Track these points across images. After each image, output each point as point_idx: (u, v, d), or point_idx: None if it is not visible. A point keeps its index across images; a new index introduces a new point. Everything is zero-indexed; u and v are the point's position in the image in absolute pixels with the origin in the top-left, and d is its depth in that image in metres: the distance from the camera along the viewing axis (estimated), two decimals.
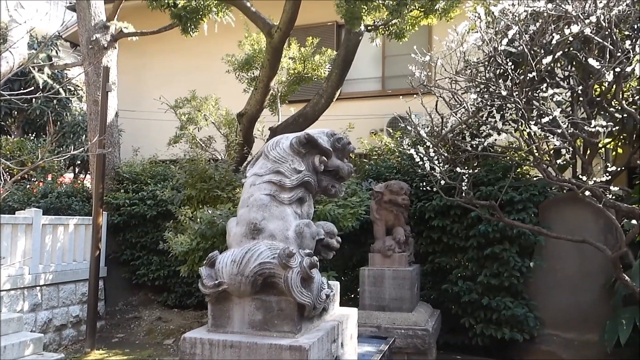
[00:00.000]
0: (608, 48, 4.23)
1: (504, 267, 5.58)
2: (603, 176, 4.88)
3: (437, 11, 6.55)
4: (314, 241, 2.70)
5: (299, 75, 7.61)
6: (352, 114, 8.46)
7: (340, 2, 5.92)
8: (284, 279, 2.41)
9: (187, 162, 6.09)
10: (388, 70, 9.26)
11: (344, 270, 6.66)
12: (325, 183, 2.90)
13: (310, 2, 7.70)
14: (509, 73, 4.63)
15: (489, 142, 5.00)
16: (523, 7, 4.58)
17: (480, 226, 5.65)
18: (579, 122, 4.63)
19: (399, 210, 5.37)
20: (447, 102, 5.35)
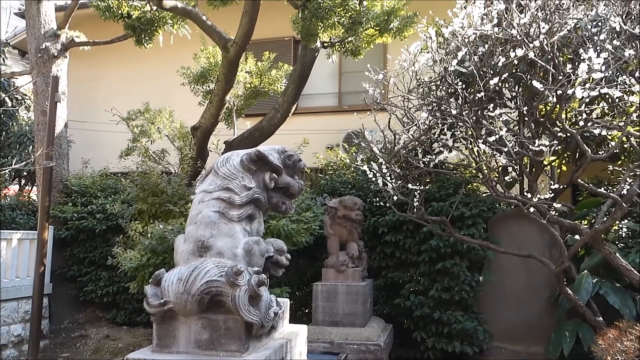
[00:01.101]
0: (551, 71, 4.43)
1: (454, 281, 5.69)
2: (547, 193, 5.09)
3: (392, 30, 6.70)
4: (263, 258, 2.68)
5: (255, 89, 7.61)
6: (309, 129, 8.51)
7: (296, 18, 5.99)
8: (231, 298, 2.39)
9: (138, 176, 5.96)
10: (344, 86, 9.38)
11: (299, 286, 6.63)
12: (276, 200, 2.90)
13: (268, 17, 7.74)
14: (459, 92, 4.78)
15: (440, 159, 5.13)
16: (472, 30, 4.75)
17: (432, 241, 5.75)
18: (525, 141, 4.82)
19: (352, 226, 5.42)
20: (400, 120, 5.47)
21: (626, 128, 4.30)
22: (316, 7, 5.59)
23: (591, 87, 4.16)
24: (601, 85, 4.19)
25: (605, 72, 4.13)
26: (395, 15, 6.53)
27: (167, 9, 6.11)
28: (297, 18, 5.98)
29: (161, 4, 5.92)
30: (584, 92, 4.14)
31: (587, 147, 5.45)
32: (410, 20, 6.58)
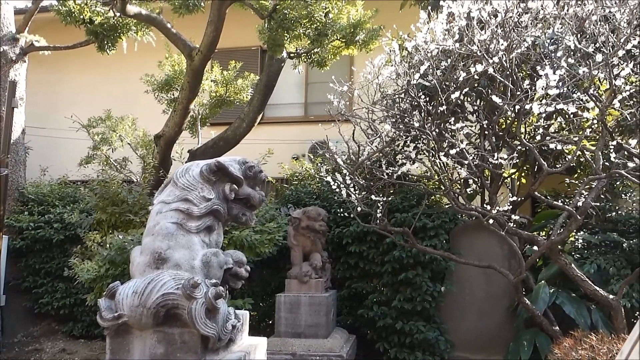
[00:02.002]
0: (510, 87, 4.55)
1: (417, 291, 5.74)
2: (506, 205, 5.21)
3: (358, 42, 6.76)
4: (221, 270, 2.65)
5: (220, 98, 7.55)
6: (275, 139, 8.49)
7: (262, 29, 5.99)
8: (187, 311, 2.35)
9: (98, 185, 5.82)
10: (311, 97, 9.41)
11: (263, 296, 6.57)
12: (236, 211, 2.87)
13: (236, 26, 7.70)
14: (422, 106, 4.86)
15: (403, 171, 5.19)
16: (434, 44, 4.85)
17: (395, 252, 5.80)
18: (485, 154, 4.93)
19: (316, 236, 5.42)
20: (365, 131, 5.52)
21: (580, 143, 4.45)
22: (282, 18, 5.61)
23: (548, 102, 4.30)
24: (557, 101, 4.33)
25: (561, 89, 4.27)
26: (361, 28, 6.61)
27: (131, 15, 6.02)
28: (263, 28, 5.99)
29: (124, 10, 5.83)
30: (541, 107, 4.27)
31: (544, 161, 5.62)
32: (376, 33, 6.67)
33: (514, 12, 4.71)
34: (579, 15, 4.58)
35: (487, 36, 4.61)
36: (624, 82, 4.22)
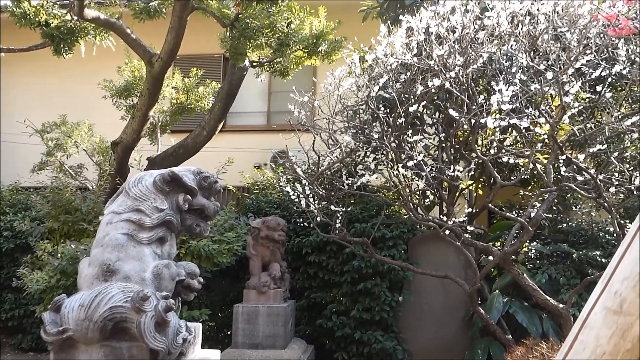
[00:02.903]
0: (466, 101, 4.66)
1: (375, 301, 5.78)
2: (462, 216, 5.32)
3: (320, 53, 6.80)
4: (173, 282, 2.61)
5: (181, 105, 7.45)
6: (237, 147, 8.43)
7: (224, 37, 5.96)
8: (136, 324, 2.30)
9: (51, 192, 5.64)
10: (273, 106, 9.41)
11: (221, 307, 6.49)
12: (190, 222, 2.84)
13: (199, 33, 7.64)
14: (381, 117, 4.93)
15: (362, 182, 5.24)
16: (393, 58, 4.93)
17: (354, 262, 5.83)
18: (442, 167, 5.03)
19: (275, 246, 5.39)
20: (326, 142, 5.55)
21: (532, 156, 4.60)
22: (244, 27, 5.59)
23: (502, 117, 4.43)
24: (511, 116, 4.47)
25: (514, 104, 4.40)
26: (323, 39, 6.65)
27: (89, 19, 5.89)
28: (225, 37, 5.96)
29: (82, 14, 5.69)
30: (495, 122, 4.39)
31: (499, 173, 5.77)
32: (338, 44, 6.73)
33: (471, 29, 4.85)
34: (531, 34, 4.74)
35: (444, 51, 4.73)
36: (573, 99, 4.39)
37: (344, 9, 7.72)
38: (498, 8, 4.75)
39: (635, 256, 1.18)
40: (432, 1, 5.77)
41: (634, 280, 1.16)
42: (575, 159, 4.59)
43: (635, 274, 1.16)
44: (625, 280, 1.17)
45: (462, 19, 4.75)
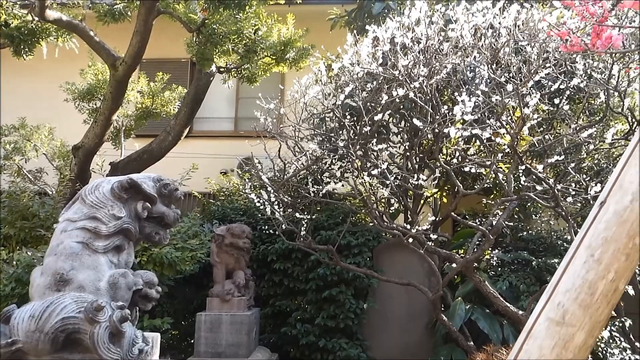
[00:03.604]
0: (429, 111, 4.74)
1: (340, 309, 5.79)
2: (426, 224, 5.39)
3: (288, 60, 6.80)
4: (130, 292, 2.55)
5: (146, 110, 7.33)
6: (204, 153, 8.34)
7: (191, 42, 5.90)
8: (90, 335, 2.24)
9: (7, 197, 5.46)
10: (241, 112, 9.35)
11: (185, 315, 6.39)
12: (149, 230, 2.79)
13: (167, 36, 7.55)
14: (347, 126, 4.96)
15: (328, 189, 5.25)
16: (359, 67, 4.98)
17: (319, 269, 5.83)
18: (406, 175, 5.09)
19: (240, 254, 5.35)
20: (292, 149, 5.54)
21: (493, 166, 4.70)
22: (211, 33, 5.55)
23: (464, 127, 4.52)
24: (474, 126, 4.56)
25: (476, 115, 4.49)
26: (291, 46, 6.65)
27: (50, 21, 5.74)
28: (191, 42, 5.90)
29: (43, 15, 5.55)
30: (458, 132, 4.48)
31: (463, 182, 5.87)
32: (306, 52, 6.74)
33: (435, 40, 4.93)
34: (493, 47, 4.86)
35: (409, 61, 4.80)
36: (532, 111, 4.50)
37: (313, 17, 7.75)
38: (461, 21, 4.85)
39: (577, 269, 1.21)
40: (398, 12, 5.87)
41: (576, 292, 1.20)
42: (534, 169, 4.70)
43: (577, 286, 1.20)
44: (567, 292, 1.21)
45: (426, 30, 4.84)
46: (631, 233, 1.18)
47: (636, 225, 1.18)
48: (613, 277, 1.18)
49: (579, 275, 1.20)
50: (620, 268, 1.18)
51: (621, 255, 1.18)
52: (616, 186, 1.24)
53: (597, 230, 1.21)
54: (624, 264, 1.18)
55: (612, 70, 4.78)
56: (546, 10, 4.87)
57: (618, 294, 1.19)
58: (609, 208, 1.22)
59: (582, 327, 1.16)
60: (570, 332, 1.17)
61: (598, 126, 5.24)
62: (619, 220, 1.19)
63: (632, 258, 1.18)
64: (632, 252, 1.18)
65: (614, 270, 1.18)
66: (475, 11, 4.90)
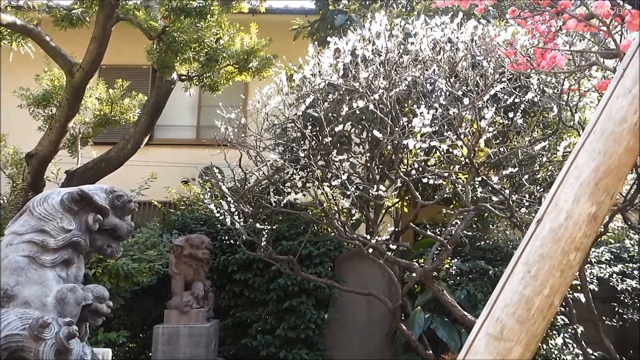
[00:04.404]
0: (389, 123, 4.80)
1: (301, 319, 5.77)
2: (386, 234, 5.44)
3: (251, 69, 6.78)
4: (79, 307, 2.48)
5: (105, 117, 7.17)
6: (165, 161, 8.22)
7: (151, 49, 5.82)
8: (34, 353, 2.16)
9: None
10: (203, 120, 9.26)
11: (142, 327, 6.24)
12: (100, 243, 2.72)
13: (127, 42, 7.40)
14: (308, 136, 4.98)
15: (289, 199, 5.25)
16: (320, 78, 5.01)
17: (280, 280, 5.81)
18: (367, 186, 5.13)
19: (199, 265, 5.28)
20: (254, 159, 5.52)
21: (451, 177, 4.80)
22: (171, 41, 5.49)
23: (422, 139, 4.60)
24: (433, 138, 4.65)
25: (433, 127, 4.58)
26: (254, 55, 6.64)
27: (4, 24, 5.58)
28: (152, 49, 5.82)
29: None
30: (417, 143, 4.56)
31: (424, 192, 5.96)
32: (269, 61, 6.74)
33: (395, 53, 5.02)
34: (452, 60, 4.97)
35: (369, 74, 4.86)
36: (488, 124, 4.62)
37: (276, 27, 7.76)
38: (420, 35, 4.95)
39: (515, 285, 1.25)
40: (360, 24, 5.94)
41: (514, 307, 1.23)
42: (490, 181, 4.82)
43: (514, 301, 1.23)
44: (505, 308, 1.24)
45: (386, 43, 4.91)
46: (565, 250, 1.23)
47: (570, 243, 1.23)
48: (548, 292, 1.21)
49: (517, 290, 1.23)
50: (555, 284, 1.22)
51: (556, 271, 1.22)
52: (552, 205, 1.28)
53: (534, 247, 1.25)
54: (558, 280, 1.22)
55: (563, 86, 4.97)
56: (501, 26, 5.03)
57: (553, 308, 1.23)
58: (545, 226, 1.26)
59: (519, 341, 1.19)
60: (508, 347, 1.20)
61: (551, 139, 5.43)
62: (554, 237, 1.24)
63: (566, 274, 1.22)
64: (567, 268, 1.23)
65: (549, 286, 1.22)
66: (434, 26, 5.02)
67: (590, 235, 1.24)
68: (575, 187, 1.26)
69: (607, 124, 1.27)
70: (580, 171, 1.27)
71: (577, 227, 1.23)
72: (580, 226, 1.23)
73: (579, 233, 1.23)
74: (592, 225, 1.24)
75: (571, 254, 1.23)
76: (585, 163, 1.27)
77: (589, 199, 1.24)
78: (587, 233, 1.24)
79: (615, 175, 1.25)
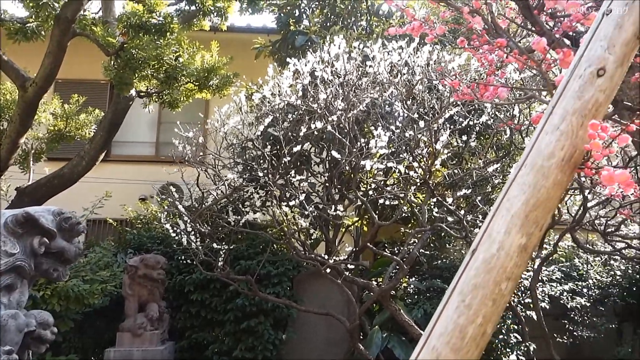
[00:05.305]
0: (347, 144, 4.86)
1: (258, 340, 5.71)
2: (343, 254, 5.48)
3: (212, 87, 6.75)
4: (21, 334, 2.39)
5: (60, 132, 6.99)
6: (123, 178, 8.06)
7: (108, 65, 5.73)
8: None
9: None
10: (163, 136, 9.14)
11: (94, 350, 6.03)
12: (46, 266, 2.64)
13: (86, 56, 7.27)
14: (267, 155, 4.99)
15: (248, 219, 5.22)
16: (280, 98, 5.05)
17: (238, 300, 5.74)
18: (324, 206, 5.16)
19: (154, 285, 5.17)
20: (212, 178, 5.48)
21: (407, 198, 4.88)
22: (129, 57, 5.42)
23: (379, 160, 4.68)
24: (390, 159, 4.74)
25: (390, 149, 4.67)
26: (215, 73, 6.62)
27: None
28: (109, 65, 5.73)
29: None
30: (374, 164, 4.63)
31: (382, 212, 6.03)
32: (230, 80, 6.73)
33: (354, 75, 5.11)
34: (408, 83, 5.10)
35: (328, 95, 4.93)
36: (443, 146, 4.74)
37: (238, 45, 7.79)
38: (378, 58, 5.06)
39: (450, 313, 1.28)
40: (320, 45, 6.02)
41: (449, 336, 1.27)
42: (444, 202, 4.93)
43: (449, 330, 1.27)
44: (441, 336, 1.27)
45: (345, 65, 5.00)
46: (497, 280, 1.27)
47: (502, 273, 1.28)
48: (481, 321, 1.25)
49: (452, 319, 1.26)
50: (487, 313, 1.26)
51: (488, 300, 1.26)
52: (485, 235, 1.33)
53: (468, 277, 1.29)
54: (491, 309, 1.26)
55: (514, 110, 5.16)
56: (455, 53, 5.20)
57: (486, 337, 1.27)
58: (479, 256, 1.31)
59: None
60: None
61: (504, 161, 5.61)
62: (487, 267, 1.28)
63: (498, 303, 1.27)
64: (499, 297, 1.27)
65: (482, 315, 1.25)
66: (391, 49, 5.14)
67: (521, 265, 1.30)
68: (507, 219, 1.31)
69: (537, 159, 1.34)
70: (512, 203, 1.32)
71: (509, 257, 1.28)
72: (512, 257, 1.28)
73: (510, 263, 1.28)
74: (522, 255, 1.29)
75: (503, 283, 1.27)
76: (516, 196, 1.33)
77: (520, 230, 1.29)
78: (518, 263, 1.29)
79: (544, 208, 1.31)
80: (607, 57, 1.38)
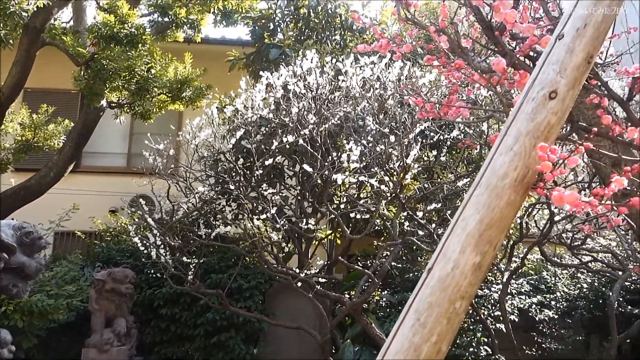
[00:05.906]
0: (319, 158, 4.88)
1: (229, 355, 5.64)
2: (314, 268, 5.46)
3: (185, 99, 6.71)
4: None
5: (27, 143, 6.84)
6: (93, 189, 7.92)
7: (78, 75, 5.66)
8: None
9: None
10: (135, 147, 9.01)
11: None
12: (6, 282, 2.58)
13: (56, 66, 7.15)
14: (238, 168, 4.97)
15: (218, 232, 5.18)
16: (252, 111, 5.05)
17: (208, 314, 5.67)
18: (297, 218, 5.16)
19: (121, 300, 5.08)
20: (183, 190, 5.43)
21: (378, 211, 4.91)
22: (100, 68, 5.36)
23: (350, 174, 4.70)
24: (361, 173, 4.77)
25: (361, 163, 4.71)
26: (188, 85, 6.58)
27: None
28: (79, 75, 5.66)
29: None
30: (346, 177, 4.65)
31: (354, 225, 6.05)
32: (203, 92, 6.70)
33: (326, 89, 5.15)
34: (380, 98, 5.15)
35: (300, 109, 4.95)
36: (414, 160, 4.80)
37: (212, 57, 7.78)
38: (350, 72, 5.11)
39: (405, 332, 1.29)
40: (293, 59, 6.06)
41: (404, 354, 1.28)
42: (415, 215, 4.97)
43: (405, 348, 1.28)
44: (397, 354, 1.28)
45: (317, 79, 5.04)
46: (452, 298, 1.29)
47: (456, 291, 1.29)
48: (436, 339, 1.27)
49: (407, 337, 1.28)
50: (442, 331, 1.27)
51: (443, 319, 1.28)
52: (441, 254, 1.35)
53: (424, 295, 1.31)
54: (445, 327, 1.28)
55: (482, 126, 5.26)
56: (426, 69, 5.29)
57: (441, 355, 1.28)
58: (435, 274, 1.32)
59: None
60: None
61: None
62: (442, 286, 1.30)
63: (452, 321, 1.29)
64: (453, 316, 1.29)
65: (436, 333, 1.27)
66: (363, 64, 5.20)
67: (475, 284, 1.32)
68: (462, 238, 1.34)
69: (491, 179, 1.37)
70: (467, 223, 1.35)
71: (463, 276, 1.30)
72: (466, 275, 1.30)
73: (465, 282, 1.30)
74: (476, 274, 1.31)
75: (457, 302, 1.29)
76: (471, 215, 1.35)
77: (474, 249, 1.32)
78: (472, 282, 1.31)
79: (497, 227, 1.34)
80: (559, 81, 1.42)
